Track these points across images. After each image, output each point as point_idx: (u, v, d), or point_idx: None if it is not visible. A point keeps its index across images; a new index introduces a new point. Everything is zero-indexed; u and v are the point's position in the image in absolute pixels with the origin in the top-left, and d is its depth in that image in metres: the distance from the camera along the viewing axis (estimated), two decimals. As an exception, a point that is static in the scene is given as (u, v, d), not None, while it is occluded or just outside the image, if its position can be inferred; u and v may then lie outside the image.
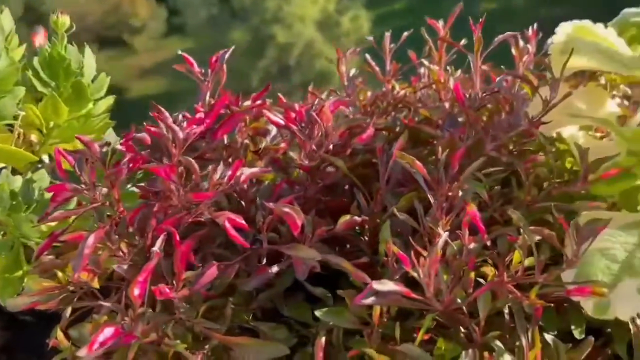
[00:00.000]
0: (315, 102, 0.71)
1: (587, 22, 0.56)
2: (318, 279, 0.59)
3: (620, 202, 0.61)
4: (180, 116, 0.63)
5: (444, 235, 0.51)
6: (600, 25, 0.55)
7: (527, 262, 0.52)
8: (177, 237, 0.52)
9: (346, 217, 0.57)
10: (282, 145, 0.68)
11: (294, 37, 11.37)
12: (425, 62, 0.77)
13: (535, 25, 0.80)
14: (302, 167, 0.60)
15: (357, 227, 0.63)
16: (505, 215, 0.61)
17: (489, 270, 0.57)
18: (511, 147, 0.63)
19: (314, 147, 0.60)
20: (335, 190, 0.66)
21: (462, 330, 0.55)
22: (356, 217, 0.57)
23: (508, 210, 0.54)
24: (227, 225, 0.52)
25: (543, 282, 0.50)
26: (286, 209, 0.52)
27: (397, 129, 0.69)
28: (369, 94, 0.83)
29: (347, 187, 0.68)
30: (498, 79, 0.74)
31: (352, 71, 0.82)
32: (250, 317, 0.58)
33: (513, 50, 0.74)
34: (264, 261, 0.58)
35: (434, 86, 0.76)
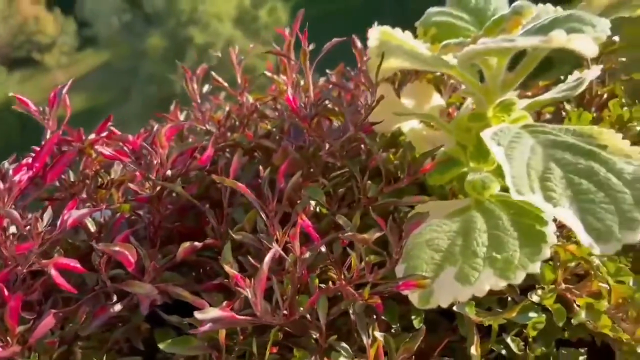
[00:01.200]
0: (155, 128, 0.70)
1: (387, 27, 0.58)
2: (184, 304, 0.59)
3: (455, 190, 0.64)
4: (6, 164, 0.61)
5: (273, 249, 0.52)
6: (398, 30, 0.57)
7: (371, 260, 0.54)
8: (5, 292, 0.51)
9: (186, 245, 0.57)
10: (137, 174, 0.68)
11: (212, 36, 11.18)
12: (268, 74, 0.78)
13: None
14: (139, 199, 0.60)
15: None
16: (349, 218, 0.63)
17: (334, 274, 0.58)
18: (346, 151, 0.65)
19: (151, 176, 0.60)
20: (187, 215, 0.66)
21: (313, 336, 0.57)
22: (197, 243, 0.58)
23: (336, 217, 0.55)
24: (53, 272, 0.51)
25: (374, 281, 0.52)
26: (115, 248, 0.52)
27: (244, 145, 0.70)
28: (227, 108, 0.83)
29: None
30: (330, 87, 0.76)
31: (205, 87, 0.82)
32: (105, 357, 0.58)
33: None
34: (114, 299, 0.57)
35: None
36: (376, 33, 0.58)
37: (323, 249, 0.57)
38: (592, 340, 0.57)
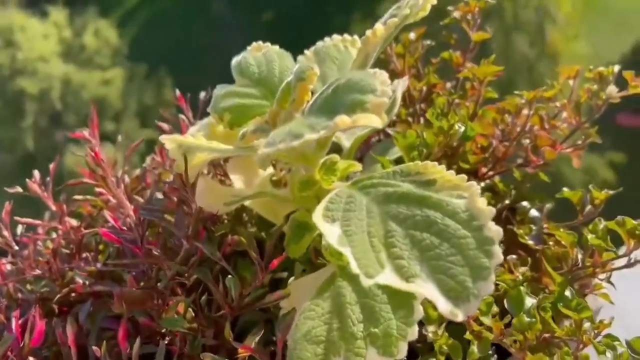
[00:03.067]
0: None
1: (176, 136, 0.54)
2: None
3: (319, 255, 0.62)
4: None
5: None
6: (193, 128, 0.53)
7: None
8: None
9: None
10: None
11: (45, 81, 10.48)
12: (79, 197, 0.72)
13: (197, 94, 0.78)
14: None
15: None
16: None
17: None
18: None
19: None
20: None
21: None
22: None
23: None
24: None
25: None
26: None
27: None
28: None
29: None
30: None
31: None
32: None
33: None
34: None
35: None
36: (169, 141, 0.54)
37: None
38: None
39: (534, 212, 0.76)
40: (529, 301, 0.54)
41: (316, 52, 0.61)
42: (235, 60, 0.58)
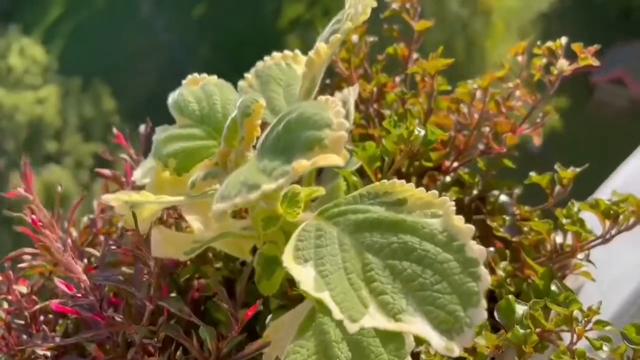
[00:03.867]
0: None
1: (120, 194, 0.49)
2: None
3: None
4: None
5: None
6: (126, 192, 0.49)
7: None
8: None
9: None
10: None
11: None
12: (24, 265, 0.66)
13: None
14: None
15: None
16: None
17: None
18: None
19: None
20: None
21: None
22: None
23: None
24: None
25: None
26: None
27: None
28: None
29: None
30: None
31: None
32: None
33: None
34: None
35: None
36: (114, 200, 0.49)
37: None
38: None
39: (503, 198, 0.74)
40: (520, 309, 0.52)
41: (258, 75, 0.56)
42: (172, 99, 0.53)
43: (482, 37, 10.57)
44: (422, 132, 0.58)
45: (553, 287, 0.55)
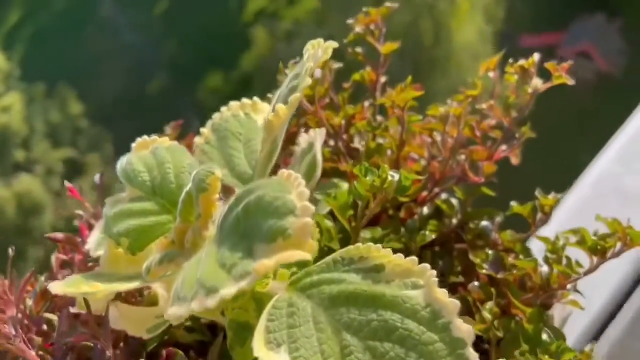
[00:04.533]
0: None
1: (70, 279, 0.45)
2: None
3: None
4: None
5: None
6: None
7: None
8: None
9: None
10: None
11: None
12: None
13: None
14: None
15: None
16: None
17: None
18: None
19: None
20: None
21: None
22: None
23: None
24: None
25: None
26: None
27: None
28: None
29: None
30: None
31: None
32: None
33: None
34: None
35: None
36: (60, 289, 0.45)
37: None
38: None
39: (484, 222, 0.71)
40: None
41: (214, 129, 0.52)
42: (120, 166, 0.49)
43: (447, 17, 10.59)
44: (396, 177, 0.54)
45: (544, 336, 0.52)
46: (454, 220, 0.70)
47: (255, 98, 0.54)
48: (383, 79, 0.75)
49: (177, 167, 0.47)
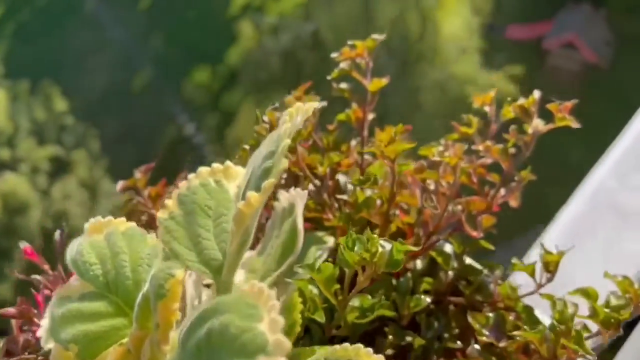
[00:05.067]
0: None
1: None
2: None
3: None
4: None
5: None
6: None
7: None
8: None
9: None
10: None
11: None
12: None
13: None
14: None
15: None
16: None
17: None
18: None
19: None
20: None
21: None
22: None
23: None
24: None
25: None
26: None
27: None
28: None
29: None
30: None
31: None
32: None
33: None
34: None
35: None
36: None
37: None
38: None
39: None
40: None
41: (181, 202, 0.45)
42: (70, 255, 0.42)
43: (434, 10, 10.52)
44: (387, 247, 0.48)
45: None
46: (450, 274, 0.64)
47: (228, 162, 0.47)
48: (371, 116, 0.69)
49: (134, 259, 0.40)
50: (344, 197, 0.62)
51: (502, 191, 0.66)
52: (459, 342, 0.60)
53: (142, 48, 13.64)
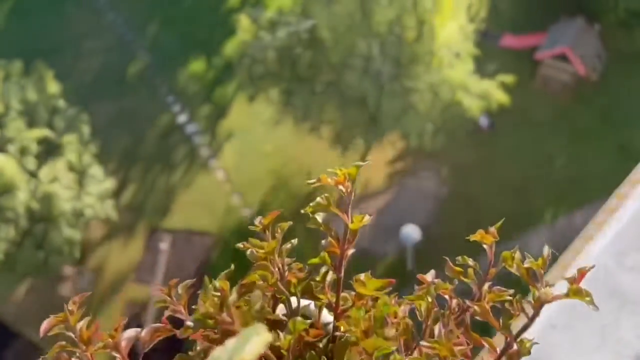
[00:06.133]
0: None
1: None
2: None
3: None
4: None
5: None
6: None
7: None
8: None
9: None
10: None
11: None
12: None
13: None
14: None
15: None
16: None
17: None
18: None
19: None
20: None
21: None
22: None
23: None
24: None
25: None
26: None
27: None
28: None
29: None
30: None
31: None
32: None
33: None
34: None
35: None
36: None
37: None
38: None
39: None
40: None
41: None
42: None
43: (431, 14, 10.58)
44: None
45: None
46: None
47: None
48: (350, 251, 0.64)
49: None
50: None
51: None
52: None
53: (139, 35, 13.51)
